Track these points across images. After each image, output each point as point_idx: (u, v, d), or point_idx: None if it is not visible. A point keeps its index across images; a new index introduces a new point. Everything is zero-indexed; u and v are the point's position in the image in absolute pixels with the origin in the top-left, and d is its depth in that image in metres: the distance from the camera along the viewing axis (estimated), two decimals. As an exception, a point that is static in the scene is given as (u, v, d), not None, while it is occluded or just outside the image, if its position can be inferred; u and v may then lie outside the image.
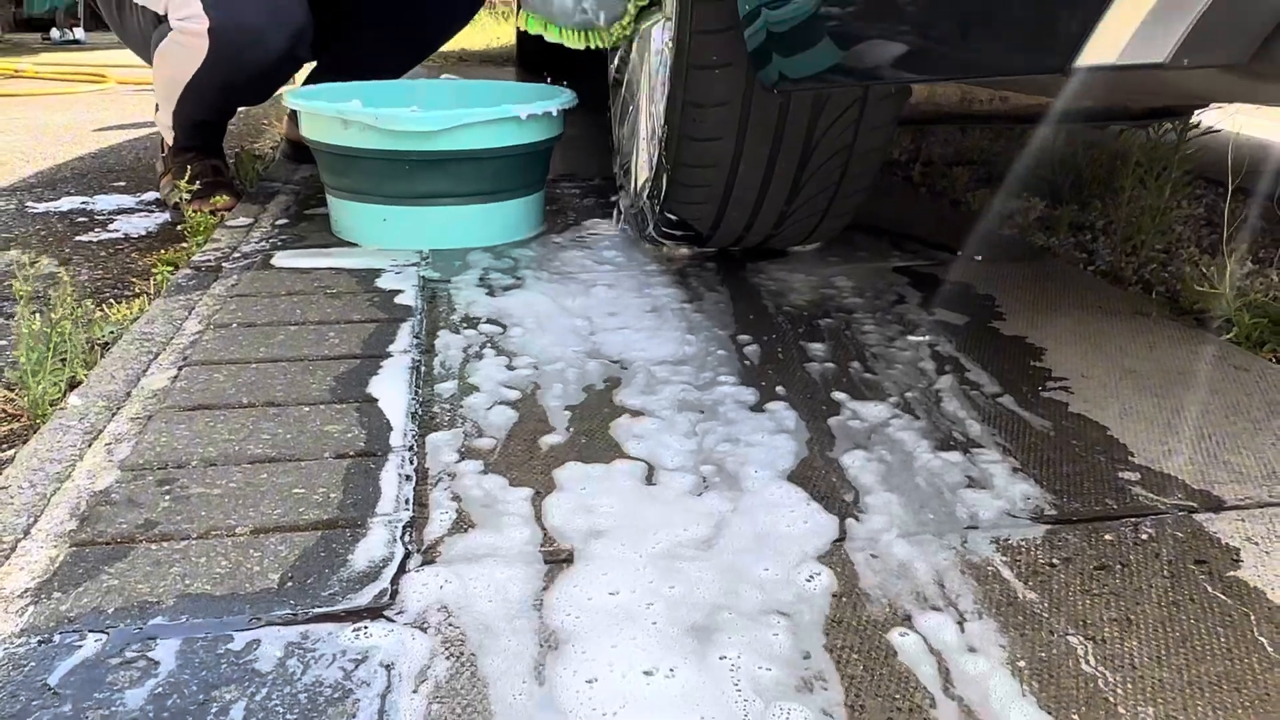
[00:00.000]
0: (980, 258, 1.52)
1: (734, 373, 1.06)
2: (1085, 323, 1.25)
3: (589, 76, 1.83)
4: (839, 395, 1.01)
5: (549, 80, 1.74)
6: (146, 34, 1.78)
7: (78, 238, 1.85)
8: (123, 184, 2.31)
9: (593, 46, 1.59)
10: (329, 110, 1.45)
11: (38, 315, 1.09)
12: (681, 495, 0.80)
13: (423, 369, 1.08)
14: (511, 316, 1.22)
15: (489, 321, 1.21)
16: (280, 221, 1.70)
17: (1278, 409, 1.01)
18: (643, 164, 1.47)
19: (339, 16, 1.79)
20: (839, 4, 0.95)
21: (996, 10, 0.75)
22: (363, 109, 1.43)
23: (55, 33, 6.55)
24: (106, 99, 3.80)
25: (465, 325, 1.20)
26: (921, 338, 1.19)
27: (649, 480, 0.83)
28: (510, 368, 1.07)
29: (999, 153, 2.32)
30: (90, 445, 0.92)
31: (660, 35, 1.42)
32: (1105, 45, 0.66)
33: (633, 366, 1.07)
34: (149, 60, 1.84)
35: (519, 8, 2.33)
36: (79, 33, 6.59)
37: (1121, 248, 1.64)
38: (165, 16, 1.67)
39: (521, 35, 4.62)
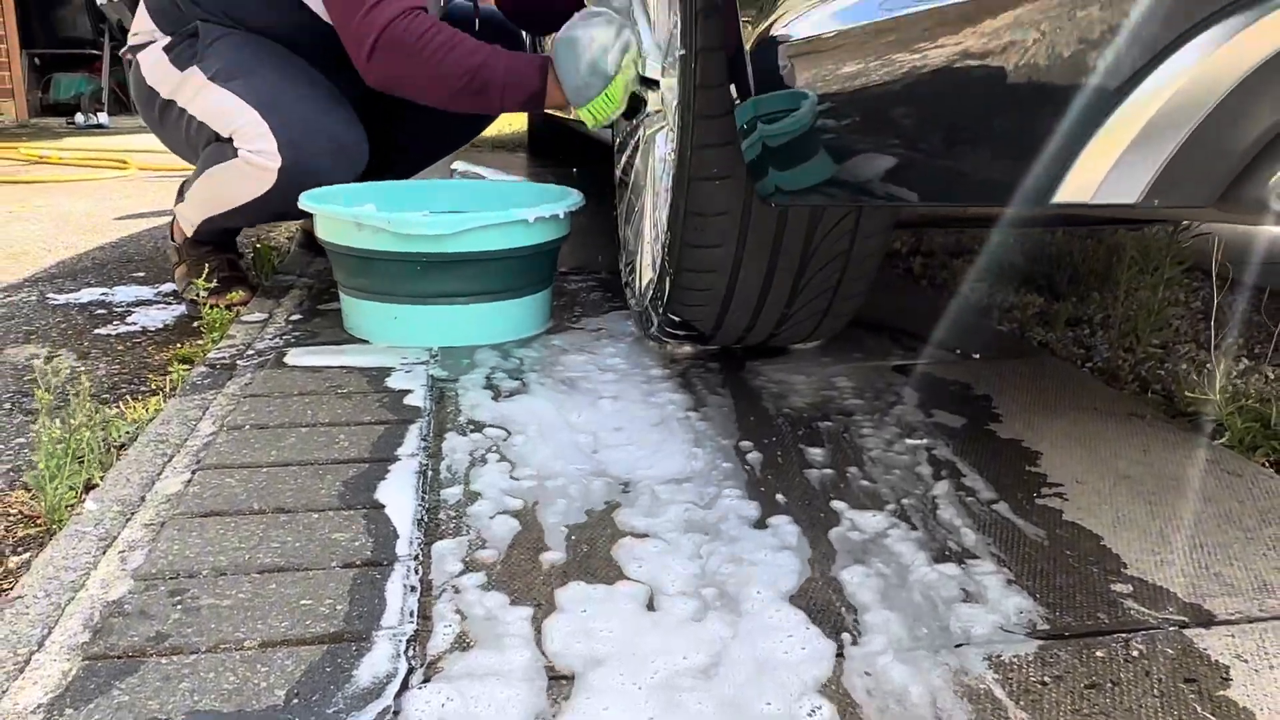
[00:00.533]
0: (978, 355, 1.55)
1: (738, 485, 1.08)
2: (1081, 424, 1.27)
3: (599, 164, 1.88)
4: (838, 504, 1.03)
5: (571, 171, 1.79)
6: (194, 144, 1.83)
7: (96, 331, 1.90)
8: (142, 274, 2.37)
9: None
10: (344, 214, 1.50)
11: (58, 421, 1.12)
12: (683, 621, 0.82)
13: (429, 473, 1.11)
14: (515, 422, 1.24)
15: (494, 426, 1.23)
16: (294, 317, 1.74)
17: (1269, 517, 1.03)
18: (647, 265, 1.52)
19: (365, 119, 1.85)
20: (829, 123, 0.99)
21: (976, 151, 0.79)
22: (377, 213, 1.48)
23: (80, 117, 6.74)
24: (128, 186, 3.90)
25: (471, 429, 1.23)
26: (919, 441, 1.21)
27: (650, 605, 0.84)
28: (514, 477, 1.09)
29: (998, 244, 2.37)
30: (105, 553, 0.94)
31: (664, 143, 1.48)
32: (1079, 187, 0.70)
33: (637, 487, 1.07)
34: (191, 162, 1.90)
35: None
36: (103, 117, 6.77)
37: (1119, 344, 1.67)
38: (229, 139, 1.72)
39: (532, 123, 4.74)
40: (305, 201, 1.59)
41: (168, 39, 1.86)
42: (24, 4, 7.07)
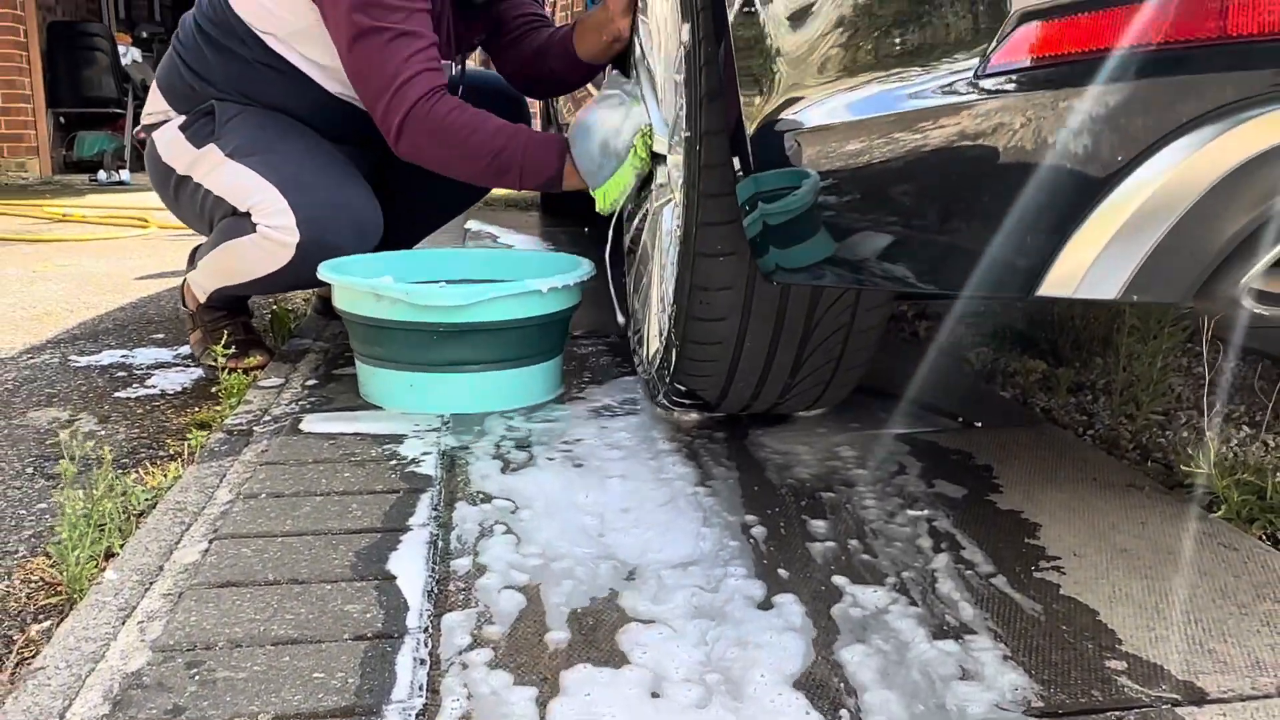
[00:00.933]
0: (980, 423, 1.57)
1: (744, 563, 1.09)
2: (1081, 496, 1.29)
3: (610, 224, 1.91)
4: (840, 579, 1.05)
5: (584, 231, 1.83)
6: (209, 217, 1.88)
7: (116, 394, 1.94)
8: (161, 336, 2.42)
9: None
10: (363, 285, 1.54)
11: (80, 491, 1.16)
12: (686, 708, 0.83)
13: (439, 544, 1.13)
14: (523, 496, 1.26)
15: (502, 498, 1.25)
16: (310, 382, 1.78)
17: (1264, 592, 1.04)
18: (654, 335, 1.55)
19: (375, 187, 1.91)
20: (825, 205, 1.03)
21: (963, 241, 0.82)
22: (395, 285, 1.52)
23: (102, 174, 6.87)
24: (149, 245, 3.98)
25: (480, 499, 1.25)
26: (920, 512, 1.23)
27: (654, 692, 0.86)
28: (521, 553, 1.11)
29: (1002, 308, 2.40)
30: (124, 623, 0.97)
31: (670, 217, 1.52)
32: (1061, 282, 0.73)
33: (644, 572, 1.07)
34: (204, 234, 1.95)
35: None
36: (124, 174, 6.91)
37: (1120, 411, 1.69)
38: (247, 214, 1.77)
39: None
40: (324, 272, 1.64)
41: (183, 118, 1.92)
42: (52, 65, 7.25)
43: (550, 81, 2.05)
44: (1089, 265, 0.72)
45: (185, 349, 2.25)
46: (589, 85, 2.16)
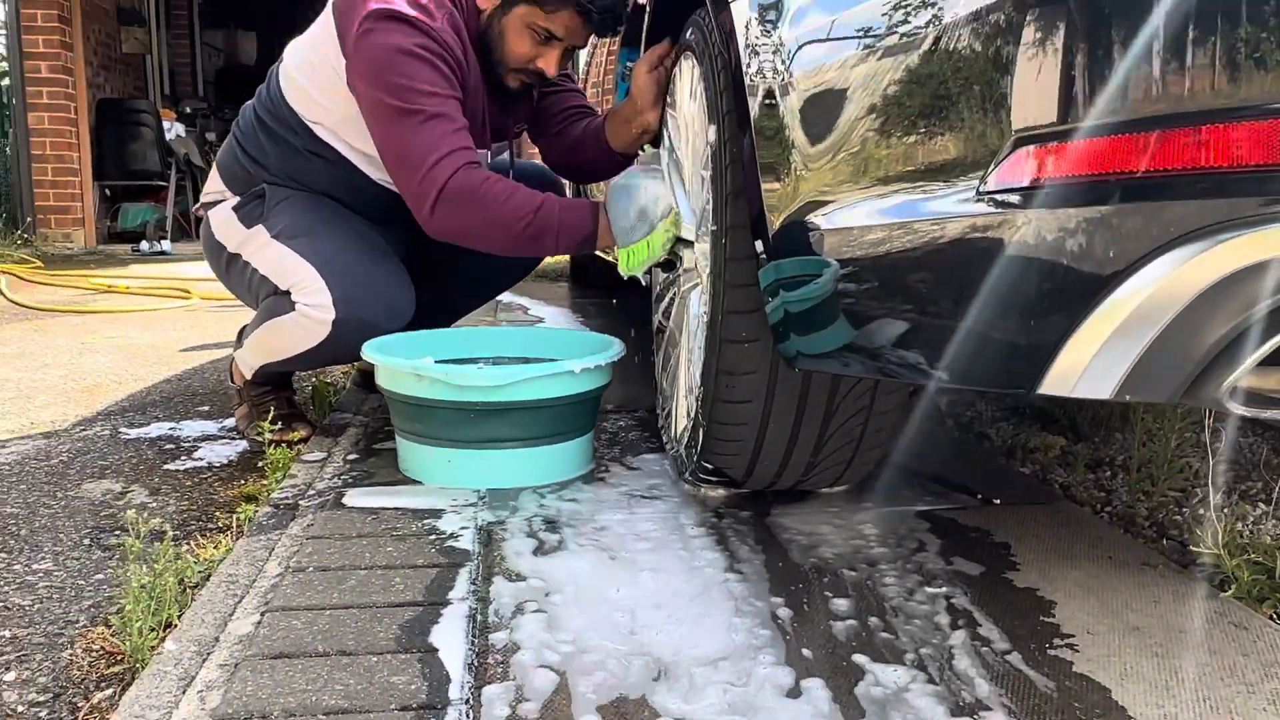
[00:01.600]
0: (999, 500, 1.62)
1: (773, 651, 1.12)
2: (1095, 574, 1.34)
3: (637, 293, 1.98)
4: (860, 658, 1.10)
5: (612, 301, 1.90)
6: (256, 293, 1.99)
7: (166, 466, 2.02)
8: (206, 408, 2.51)
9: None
10: (405, 366, 1.62)
11: (143, 566, 1.23)
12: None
13: (478, 617, 1.19)
14: (555, 579, 1.30)
15: (536, 578, 1.30)
16: (351, 456, 1.86)
17: (1272, 670, 1.08)
18: (682, 414, 1.62)
19: (413, 270, 2.00)
20: (845, 290, 1.10)
21: (971, 342, 0.89)
22: (435, 366, 1.60)
23: (145, 245, 7.07)
24: (191, 316, 4.11)
25: (515, 577, 1.31)
26: (939, 589, 1.28)
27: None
28: (553, 635, 1.14)
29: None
30: (184, 692, 1.04)
31: (697, 301, 1.60)
32: (1059, 382, 0.79)
33: (676, 669, 1.08)
34: (252, 308, 2.06)
35: None
36: (166, 244, 7.11)
37: (1137, 487, 1.73)
38: (287, 293, 1.87)
39: (574, 255, 4.93)
40: (368, 352, 1.72)
41: (237, 199, 2.03)
42: (99, 139, 7.53)
43: (587, 169, 2.14)
44: (1085, 365, 0.78)
45: (230, 422, 2.34)
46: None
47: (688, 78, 1.63)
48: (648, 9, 2.02)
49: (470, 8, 1.85)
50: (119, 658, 1.21)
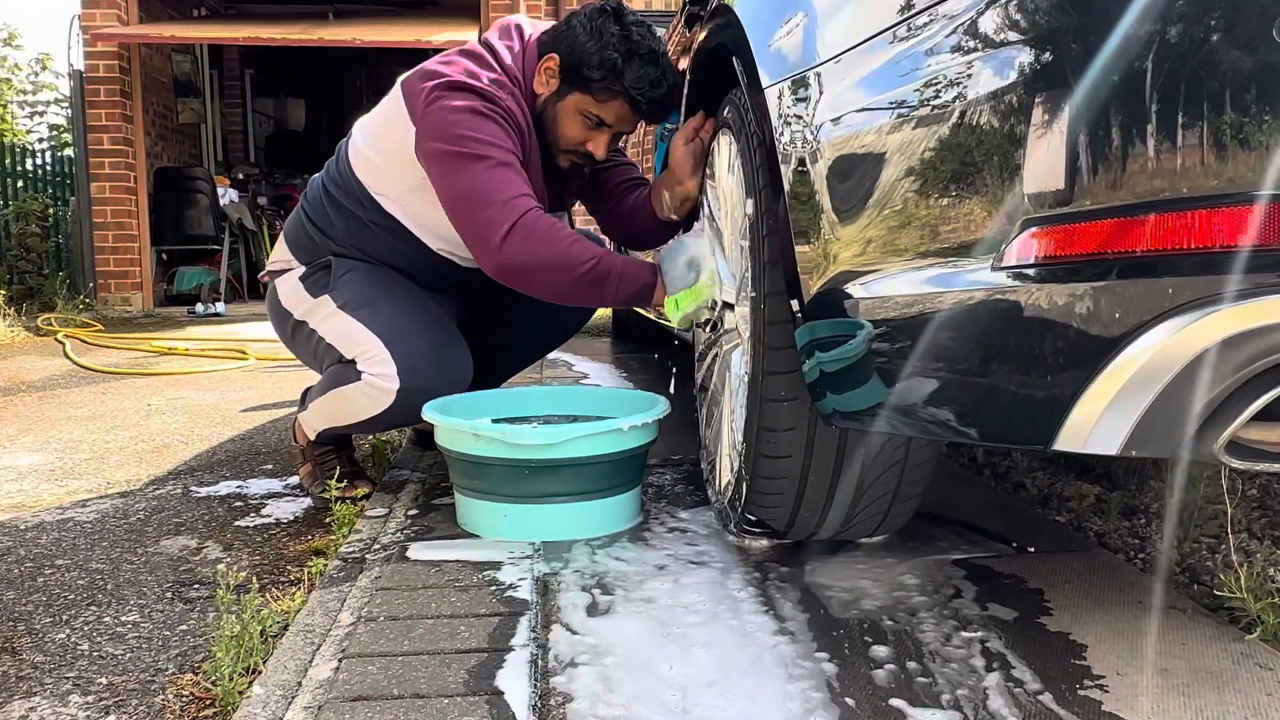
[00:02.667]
0: (1033, 549, 1.68)
1: (824, 711, 1.15)
2: (1125, 619, 1.39)
3: (677, 349, 2.08)
4: (898, 701, 1.16)
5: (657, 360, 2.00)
6: (320, 359, 2.11)
7: (236, 523, 2.14)
8: (270, 467, 2.63)
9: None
10: (464, 426, 1.73)
11: (233, 617, 1.33)
12: None
13: (539, 662, 1.28)
14: (607, 640, 1.34)
15: (590, 635, 1.37)
16: (411, 512, 1.96)
17: (1295, 710, 1.13)
18: (725, 468, 1.70)
19: (468, 333, 2.12)
20: (878, 349, 1.19)
21: (991, 402, 0.97)
22: (492, 425, 1.70)
23: (200, 307, 7.32)
24: (249, 377, 4.26)
25: (570, 629, 1.39)
26: (974, 634, 1.34)
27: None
28: (606, 691, 1.20)
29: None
30: (274, 732, 1.13)
31: (738, 361, 1.69)
32: (1071, 438, 0.88)
33: None
34: (315, 370, 2.18)
35: None
36: (220, 306, 7.34)
37: (1170, 535, 1.78)
38: (353, 361, 1.99)
39: (616, 312, 5.06)
40: (428, 413, 1.83)
41: (303, 268, 2.16)
42: (157, 206, 7.83)
43: (640, 237, 2.24)
44: (1094, 422, 0.86)
45: (294, 479, 2.46)
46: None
47: (725, 153, 1.74)
48: (687, 80, 2.15)
49: (527, 91, 1.98)
50: (209, 702, 1.31)
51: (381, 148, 2.03)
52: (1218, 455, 0.82)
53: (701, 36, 1.89)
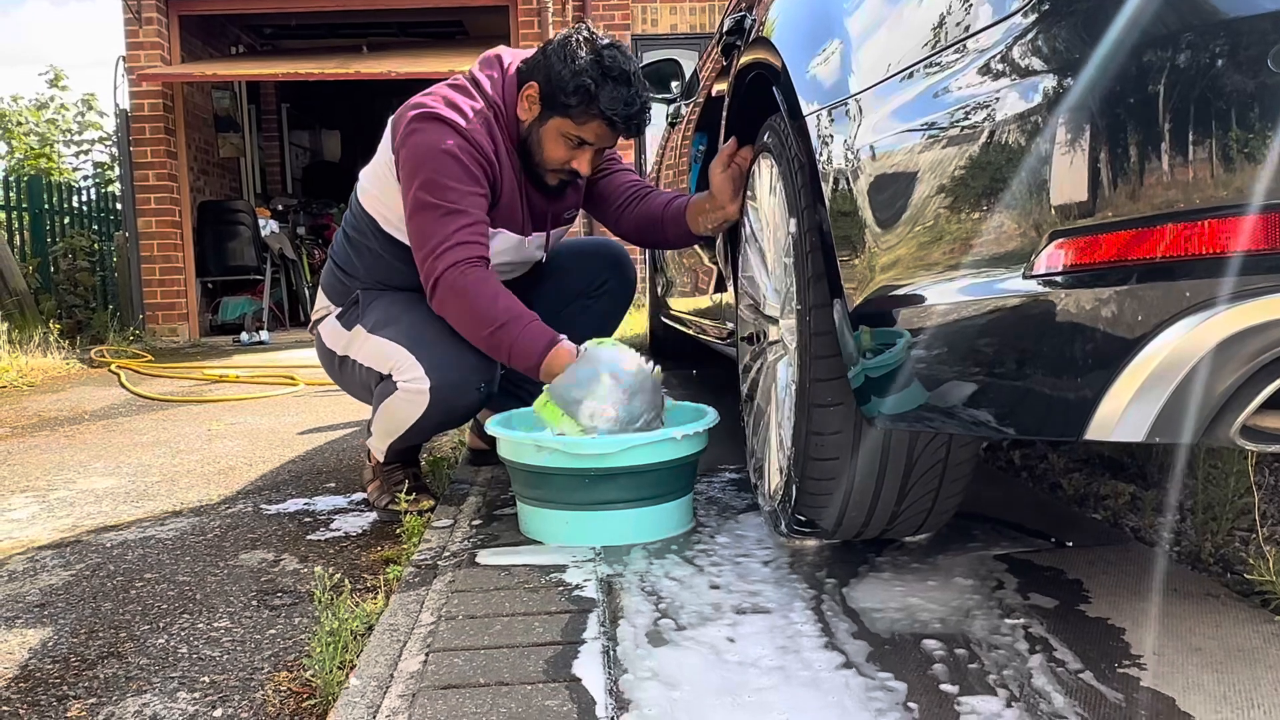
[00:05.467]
0: (1071, 544, 1.76)
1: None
2: (1161, 605, 1.47)
3: (714, 364, 2.18)
4: (948, 687, 1.23)
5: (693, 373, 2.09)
6: (367, 384, 2.25)
7: (308, 537, 2.26)
8: (333, 485, 2.75)
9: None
10: (526, 438, 1.84)
11: (330, 614, 1.44)
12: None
13: (611, 653, 1.38)
14: (666, 670, 1.32)
15: (655, 625, 1.49)
16: (475, 522, 2.07)
17: (1323, 682, 1.21)
18: (774, 472, 1.80)
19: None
20: (918, 356, 1.28)
21: (1025, 399, 1.06)
22: (554, 437, 1.81)
23: (245, 335, 7.51)
24: (300, 402, 4.41)
25: (635, 621, 1.49)
26: (1017, 620, 1.43)
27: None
28: (679, 670, 1.32)
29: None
30: (375, 717, 1.24)
31: (785, 371, 1.79)
32: (1100, 428, 0.97)
33: None
34: (366, 401, 2.31)
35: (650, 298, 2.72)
36: (264, 334, 7.53)
37: (1205, 528, 1.85)
38: (389, 376, 2.14)
39: (653, 327, 5.16)
40: (491, 427, 1.94)
41: (339, 309, 2.31)
42: (200, 239, 8.04)
43: (668, 244, 2.36)
44: (1120, 413, 0.96)
45: (358, 495, 2.58)
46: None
47: (766, 176, 1.84)
48: (725, 106, 2.26)
49: (510, 117, 2.11)
50: (307, 695, 1.42)
51: (376, 179, 2.21)
52: (1233, 439, 0.91)
53: (740, 64, 2.00)
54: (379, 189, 2.21)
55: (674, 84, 3.87)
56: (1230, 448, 0.91)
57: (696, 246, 2.74)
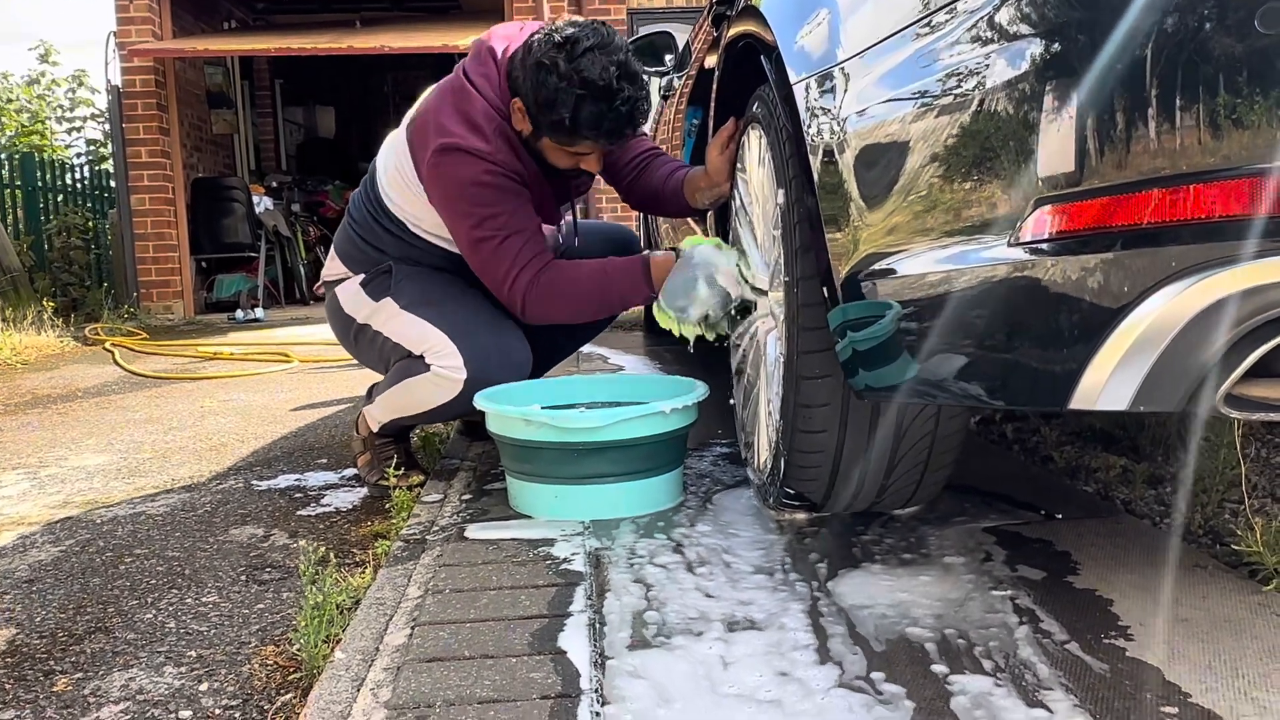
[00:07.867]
0: (1061, 516, 1.76)
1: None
2: (1149, 576, 1.47)
3: (710, 348, 2.19)
4: (938, 668, 1.22)
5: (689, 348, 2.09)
6: (386, 358, 2.22)
7: (298, 512, 2.25)
8: (324, 461, 2.75)
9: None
10: (515, 413, 1.83)
11: (314, 588, 1.44)
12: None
13: (597, 625, 1.37)
14: (653, 674, 1.30)
15: (638, 617, 1.47)
16: (465, 497, 2.06)
17: (1308, 652, 1.21)
18: (764, 446, 1.79)
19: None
20: (906, 328, 1.27)
21: (1011, 369, 1.05)
22: (542, 412, 1.80)
23: (239, 313, 7.48)
24: (293, 379, 4.39)
25: (623, 593, 1.49)
26: (1004, 592, 1.42)
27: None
28: (661, 631, 1.34)
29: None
30: (359, 690, 1.23)
31: (774, 344, 1.78)
32: (1085, 398, 0.96)
33: None
34: (380, 373, 2.29)
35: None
36: (259, 312, 7.50)
37: (1194, 500, 1.85)
38: (420, 356, 2.12)
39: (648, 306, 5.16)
40: (479, 401, 1.93)
41: (362, 275, 2.26)
42: (194, 216, 8.00)
43: (664, 214, 2.37)
44: (1105, 382, 0.95)
45: (349, 472, 2.57)
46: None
47: (755, 147, 1.83)
48: (716, 78, 2.24)
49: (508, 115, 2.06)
50: (293, 669, 1.41)
51: (403, 193, 2.16)
52: (1219, 408, 0.90)
53: (730, 35, 1.98)
54: (404, 200, 2.17)
55: (667, 57, 3.84)
56: (1217, 417, 0.90)
57: (689, 219, 2.73)
